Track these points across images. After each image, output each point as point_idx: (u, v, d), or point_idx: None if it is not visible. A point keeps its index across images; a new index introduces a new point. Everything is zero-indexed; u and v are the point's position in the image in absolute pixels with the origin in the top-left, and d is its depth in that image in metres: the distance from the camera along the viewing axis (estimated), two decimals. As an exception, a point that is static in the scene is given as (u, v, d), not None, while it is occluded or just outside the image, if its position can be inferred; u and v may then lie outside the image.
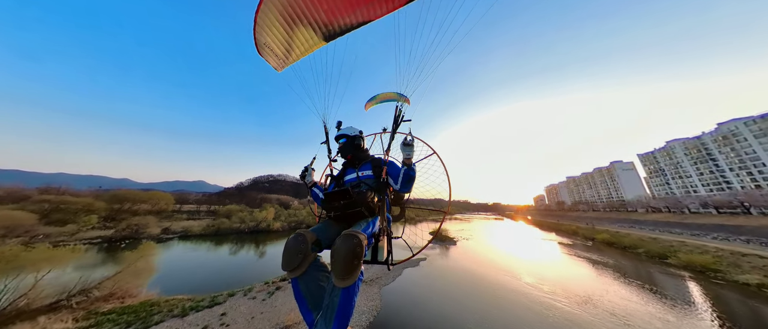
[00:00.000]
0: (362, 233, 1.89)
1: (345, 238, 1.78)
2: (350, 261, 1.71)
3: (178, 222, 48.49)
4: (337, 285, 1.70)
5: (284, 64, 3.38)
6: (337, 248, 1.76)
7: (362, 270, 1.85)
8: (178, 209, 67.19)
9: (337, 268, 1.70)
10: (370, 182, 2.72)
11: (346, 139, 3.04)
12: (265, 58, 3.25)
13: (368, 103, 4.76)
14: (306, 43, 3.05)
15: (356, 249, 1.73)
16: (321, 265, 2.09)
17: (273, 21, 2.74)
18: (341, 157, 3.14)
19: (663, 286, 17.68)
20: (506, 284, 17.26)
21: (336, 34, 2.90)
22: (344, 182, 2.96)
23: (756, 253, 25.98)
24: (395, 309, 12.88)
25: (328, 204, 2.40)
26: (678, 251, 27.07)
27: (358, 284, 1.81)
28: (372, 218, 2.36)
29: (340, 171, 3.16)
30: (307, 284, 1.96)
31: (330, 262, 1.86)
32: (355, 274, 1.73)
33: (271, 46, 3.06)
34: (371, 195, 2.44)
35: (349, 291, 1.71)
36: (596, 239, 39.19)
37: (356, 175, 2.83)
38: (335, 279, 1.71)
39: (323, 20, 2.74)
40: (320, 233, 2.20)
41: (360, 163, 2.95)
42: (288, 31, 2.87)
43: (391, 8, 2.51)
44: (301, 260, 1.95)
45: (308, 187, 3.19)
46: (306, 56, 3.32)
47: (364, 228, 2.13)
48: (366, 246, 1.85)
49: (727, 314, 13.27)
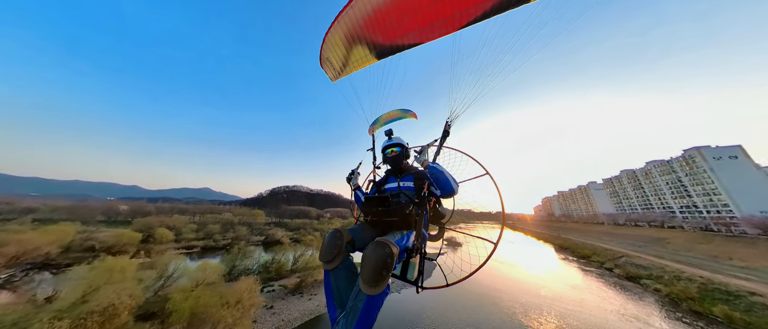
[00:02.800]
0: (395, 244, 1.85)
1: (377, 245, 1.77)
2: (379, 269, 1.68)
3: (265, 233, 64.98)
4: (363, 290, 1.69)
5: (338, 76, 3.65)
6: (367, 253, 1.77)
7: (390, 283, 1.80)
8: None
9: (365, 273, 1.70)
10: (410, 194, 2.69)
11: (400, 148, 3.08)
12: (325, 70, 3.55)
13: (372, 126, 4.62)
14: (361, 60, 3.32)
15: (387, 259, 1.71)
16: (351, 265, 2.14)
17: (337, 40, 3.11)
18: (389, 165, 3.16)
19: (569, 266, 43.65)
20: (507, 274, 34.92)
21: (389, 52, 3.11)
22: (385, 189, 2.99)
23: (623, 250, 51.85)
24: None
25: (367, 208, 2.45)
26: (595, 253, 51.56)
27: (384, 297, 1.75)
28: (407, 232, 2.34)
29: (382, 178, 3.20)
30: (337, 279, 2.02)
31: (360, 265, 1.86)
32: (382, 284, 1.70)
33: (332, 61, 3.38)
34: (409, 207, 2.40)
35: (373, 300, 1.68)
36: (554, 244, 74.02)
37: (397, 184, 2.85)
38: (362, 284, 1.71)
39: (379, 41, 2.97)
40: (355, 234, 2.25)
41: (402, 174, 3.00)
42: (347, 49, 3.20)
43: (444, 33, 2.64)
44: (336, 254, 2.02)
45: (352, 189, 3.28)
46: (358, 70, 3.53)
47: (398, 240, 2.10)
48: (397, 259, 1.81)
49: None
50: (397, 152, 3.04)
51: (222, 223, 64.05)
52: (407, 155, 3.13)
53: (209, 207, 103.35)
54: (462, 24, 2.46)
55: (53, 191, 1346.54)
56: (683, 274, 32.42)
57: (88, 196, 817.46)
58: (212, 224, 58.83)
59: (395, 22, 2.64)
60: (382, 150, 3.16)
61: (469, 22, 2.41)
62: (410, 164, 3.24)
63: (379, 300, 1.71)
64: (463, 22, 2.44)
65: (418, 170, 3.03)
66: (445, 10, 2.40)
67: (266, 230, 65.30)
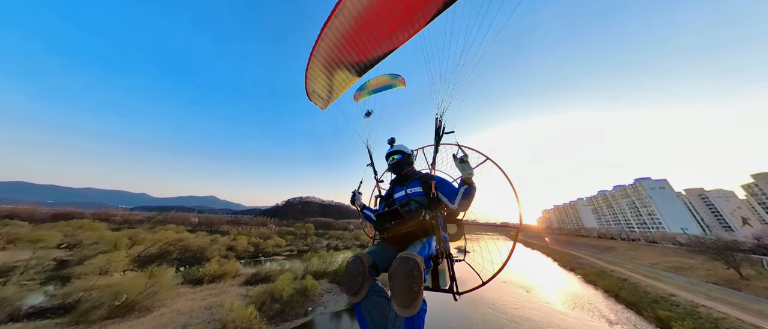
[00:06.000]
0: (418, 255, 1.78)
1: (401, 261, 1.69)
2: (410, 286, 1.60)
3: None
4: (399, 313, 1.59)
5: (328, 103, 3.85)
6: (393, 271, 1.68)
7: (425, 300, 1.70)
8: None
9: (397, 294, 1.61)
10: (419, 199, 2.62)
11: (401, 155, 2.98)
12: (314, 102, 3.79)
13: (358, 93, 4.50)
14: (343, 82, 3.48)
15: (414, 272, 1.63)
16: (380, 289, 2.06)
17: (317, 72, 3.26)
18: (393, 173, 3.09)
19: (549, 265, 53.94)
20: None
21: (367, 68, 3.22)
22: (393, 200, 2.87)
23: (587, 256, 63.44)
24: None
25: (380, 225, 2.36)
26: (562, 257, 61.45)
27: (423, 315, 1.66)
28: (427, 239, 2.24)
29: (389, 191, 3.07)
30: (368, 310, 1.92)
31: (389, 287, 1.75)
32: (417, 303, 1.59)
33: (318, 92, 3.58)
34: (423, 213, 2.33)
35: (412, 322, 1.58)
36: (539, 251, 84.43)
37: (405, 193, 2.75)
38: (396, 307, 1.61)
39: (355, 60, 3.07)
40: (376, 256, 2.16)
41: (408, 180, 2.87)
42: (328, 76, 3.35)
43: (411, 34, 2.68)
44: (361, 284, 1.90)
45: (359, 210, 3.22)
46: (344, 92, 3.67)
47: (420, 250, 2.00)
48: (424, 270, 1.72)
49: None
50: (398, 159, 2.98)
51: (294, 234, 78.89)
52: (411, 162, 3.08)
53: (250, 219, 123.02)
54: (427, 20, 2.53)
55: (68, 198, 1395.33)
56: (598, 266, 52.06)
57: (102, 204, 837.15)
58: (286, 235, 74.22)
59: (366, 39, 2.79)
60: (386, 158, 3.14)
61: (433, 16, 2.48)
62: (417, 169, 3.19)
63: (420, 320, 1.63)
64: (428, 18, 2.52)
65: (423, 173, 3.00)
66: (408, 13, 2.49)
67: (319, 240, 76.24)
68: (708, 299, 27.78)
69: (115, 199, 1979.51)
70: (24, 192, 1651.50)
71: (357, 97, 4.52)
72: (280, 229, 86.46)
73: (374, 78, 4.36)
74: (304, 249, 64.48)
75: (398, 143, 3.18)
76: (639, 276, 39.51)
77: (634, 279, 37.05)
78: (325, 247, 73.18)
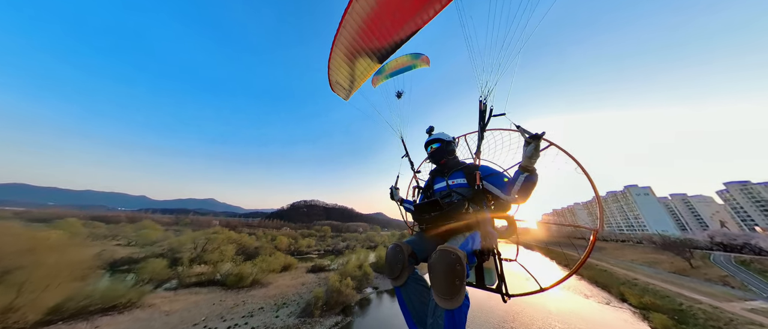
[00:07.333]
0: (460, 249, 1.70)
1: (440, 254, 1.65)
2: (451, 279, 1.56)
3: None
4: (439, 303, 1.58)
5: (350, 93, 3.73)
6: (433, 263, 1.66)
7: (467, 294, 1.65)
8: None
9: (437, 284, 1.60)
10: (463, 191, 2.46)
11: (440, 143, 2.81)
12: (337, 92, 3.64)
13: (376, 78, 4.29)
14: (365, 70, 3.34)
15: (456, 267, 1.58)
16: (419, 278, 2.08)
17: (339, 61, 3.16)
18: (433, 162, 2.91)
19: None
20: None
21: (389, 53, 3.01)
22: (434, 192, 2.75)
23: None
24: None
25: (419, 216, 2.29)
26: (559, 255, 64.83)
27: (465, 310, 1.61)
28: (470, 233, 2.06)
29: (428, 181, 2.93)
30: (408, 295, 1.98)
31: (428, 277, 1.74)
32: (459, 296, 1.56)
33: (341, 82, 3.49)
34: (465, 206, 2.19)
35: (453, 315, 1.55)
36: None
37: (446, 184, 2.61)
38: (436, 296, 1.60)
39: (378, 45, 2.88)
40: (415, 246, 2.16)
41: (450, 171, 2.70)
42: (351, 65, 3.24)
43: (436, 12, 2.38)
44: (401, 270, 1.97)
45: (398, 204, 3.19)
46: (366, 80, 3.53)
47: (462, 245, 1.86)
48: (467, 265, 1.67)
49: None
50: (437, 148, 2.79)
51: (314, 236, 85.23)
52: (451, 150, 2.82)
53: (268, 222, 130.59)
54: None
55: (69, 201, 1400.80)
56: (587, 263, 60.98)
57: (101, 206, 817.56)
58: (307, 237, 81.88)
59: (388, 21, 2.56)
60: (425, 147, 2.94)
61: None
62: (460, 159, 2.92)
63: (461, 315, 1.58)
64: None
65: (466, 163, 2.75)
66: None
67: (337, 242, 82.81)
68: (661, 282, 37.18)
69: (115, 201, 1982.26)
70: (24, 194, 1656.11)
71: (375, 82, 4.42)
72: (302, 231, 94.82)
73: (393, 60, 4.15)
74: (328, 249, 71.39)
75: (438, 131, 2.98)
76: (617, 269, 48.50)
77: (612, 271, 46.07)
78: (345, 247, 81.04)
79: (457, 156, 2.96)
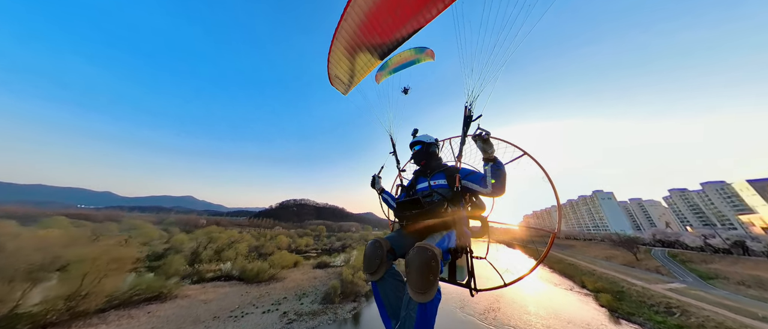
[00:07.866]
0: (436, 246, 1.81)
1: (418, 250, 1.75)
2: (425, 275, 1.66)
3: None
4: (413, 297, 1.68)
5: (349, 88, 3.72)
6: (410, 259, 1.75)
7: (440, 289, 1.77)
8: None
9: (412, 280, 1.69)
10: (443, 192, 2.60)
11: (421, 145, 2.97)
12: (335, 87, 3.66)
13: (379, 73, 4.28)
14: (365, 66, 3.33)
15: (431, 263, 1.69)
16: (396, 273, 2.17)
17: (340, 55, 3.13)
18: (415, 164, 3.10)
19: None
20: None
21: (390, 50, 3.02)
22: (416, 191, 2.87)
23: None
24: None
25: (400, 213, 2.43)
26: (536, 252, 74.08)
27: (436, 303, 1.72)
28: (447, 232, 2.23)
29: (411, 181, 3.10)
30: (384, 289, 2.06)
31: (405, 273, 1.85)
32: (432, 291, 1.68)
33: (340, 77, 3.48)
34: (444, 206, 2.34)
35: (425, 308, 1.66)
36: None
37: (428, 184, 2.75)
38: (410, 291, 1.69)
39: (378, 42, 2.90)
40: (394, 242, 2.25)
41: (432, 172, 2.85)
42: (350, 60, 3.22)
43: (439, 11, 2.42)
44: (379, 265, 2.06)
45: (378, 193, 3.30)
46: (365, 77, 3.53)
47: (439, 242, 2.00)
48: (441, 262, 1.79)
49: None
50: (420, 149, 2.97)
51: (309, 235, 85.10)
52: (434, 153, 3.02)
53: (259, 221, 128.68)
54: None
55: (14, 196, 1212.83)
56: (558, 258, 69.02)
57: (53, 202, 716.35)
58: (303, 236, 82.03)
59: (390, 17, 2.57)
60: (410, 148, 3.11)
61: None
62: (443, 161, 3.11)
63: (432, 308, 1.70)
64: None
65: (448, 165, 2.94)
66: None
67: (332, 241, 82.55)
68: (613, 272, 45.58)
69: (75, 198, 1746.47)
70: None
71: (378, 77, 4.40)
72: (297, 231, 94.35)
73: (397, 54, 4.14)
74: (325, 248, 73.12)
75: (422, 133, 3.13)
76: (582, 263, 56.56)
77: (577, 264, 53.76)
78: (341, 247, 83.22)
79: (441, 158, 3.15)
